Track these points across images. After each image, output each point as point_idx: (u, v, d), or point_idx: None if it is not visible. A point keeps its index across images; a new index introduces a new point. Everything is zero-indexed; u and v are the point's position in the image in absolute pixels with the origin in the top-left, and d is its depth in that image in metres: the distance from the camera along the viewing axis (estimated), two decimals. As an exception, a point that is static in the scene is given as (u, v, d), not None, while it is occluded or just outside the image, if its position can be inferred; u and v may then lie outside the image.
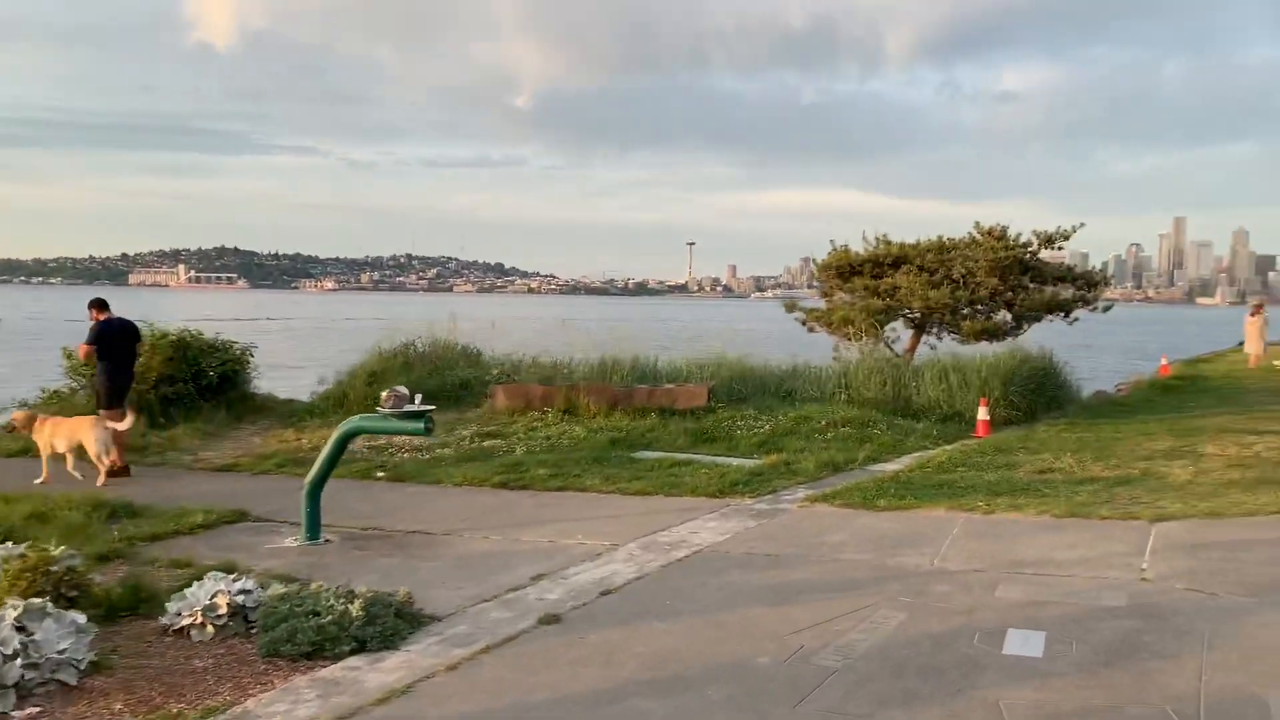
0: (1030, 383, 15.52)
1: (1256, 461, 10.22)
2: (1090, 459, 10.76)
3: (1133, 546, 7.02)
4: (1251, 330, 26.27)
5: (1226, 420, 14.10)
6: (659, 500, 9.17)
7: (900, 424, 13.39)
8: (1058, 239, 18.72)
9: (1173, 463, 10.41)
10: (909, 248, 18.54)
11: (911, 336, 18.39)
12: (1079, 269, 19.44)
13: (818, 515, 8.42)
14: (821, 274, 19.21)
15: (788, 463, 10.86)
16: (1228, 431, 12.73)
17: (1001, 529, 7.68)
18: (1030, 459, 10.95)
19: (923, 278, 17.82)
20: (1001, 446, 11.89)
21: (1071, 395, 17.76)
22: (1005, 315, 18.16)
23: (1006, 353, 16.01)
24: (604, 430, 12.96)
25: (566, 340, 18.44)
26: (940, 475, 9.99)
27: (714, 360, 16.95)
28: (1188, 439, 12.16)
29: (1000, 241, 18.32)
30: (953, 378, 15.01)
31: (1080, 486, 9.20)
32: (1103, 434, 12.80)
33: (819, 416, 13.30)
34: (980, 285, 17.73)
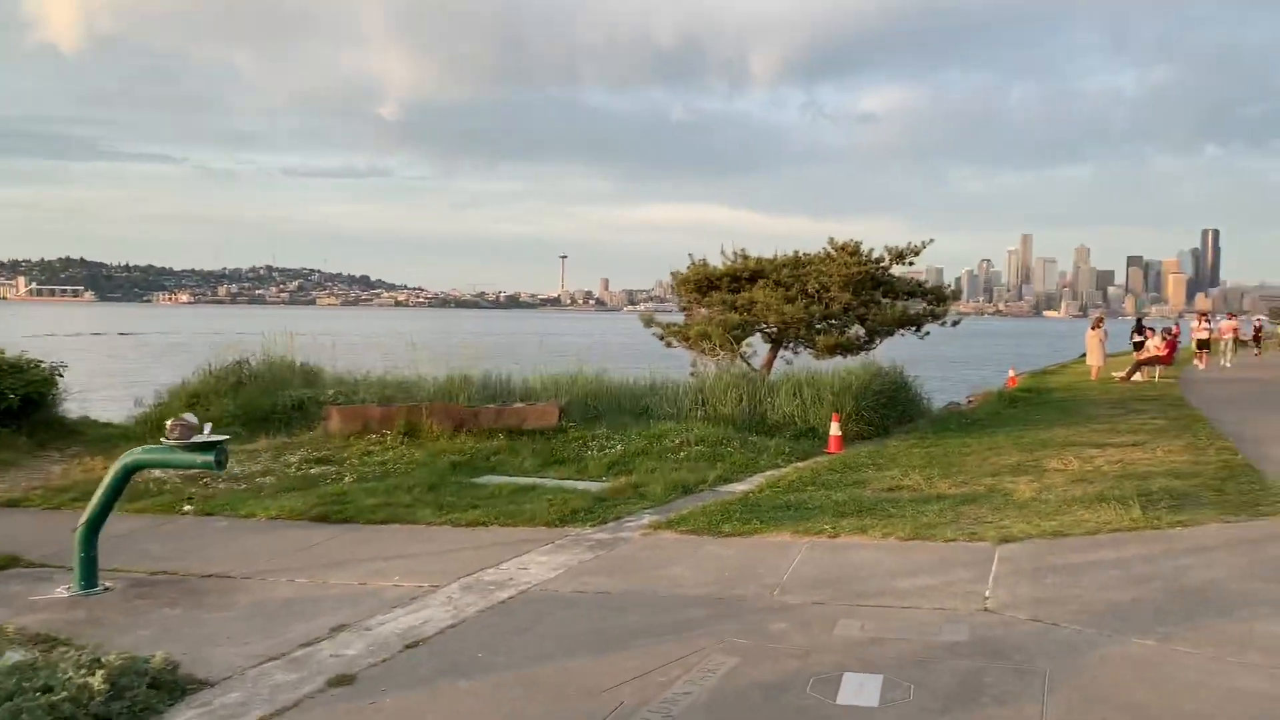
0: (882, 397, 15.54)
1: (1098, 476, 10.28)
2: (938, 475, 10.64)
3: (976, 571, 6.77)
4: (1092, 343, 27.36)
5: (1070, 433, 14.36)
6: (493, 532, 8.52)
7: (754, 441, 13.10)
8: (909, 254, 18.95)
9: (1018, 478, 10.37)
10: (766, 262, 18.45)
11: (768, 351, 18.27)
12: (930, 284, 19.74)
13: (660, 544, 7.92)
14: (680, 288, 18.93)
15: (636, 486, 10.36)
16: (1071, 445, 12.91)
17: (845, 554, 7.35)
18: (879, 476, 10.77)
19: (779, 292, 17.73)
20: (852, 463, 11.70)
21: (923, 409, 17.96)
22: (859, 330, 18.25)
23: (859, 367, 16.02)
24: (446, 454, 12.21)
25: (415, 357, 17.56)
26: (789, 495, 9.66)
27: (570, 377, 16.39)
28: (1033, 453, 12.25)
29: (854, 257, 18.41)
30: (806, 393, 14.87)
31: (927, 505, 9.01)
32: (951, 449, 12.80)
33: (673, 435, 12.89)
34: (834, 300, 17.75)
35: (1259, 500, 8.75)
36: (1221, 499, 8.85)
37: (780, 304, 16.84)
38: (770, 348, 18.28)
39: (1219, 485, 9.49)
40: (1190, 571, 6.57)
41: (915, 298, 19.30)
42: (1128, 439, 13.33)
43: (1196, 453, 11.78)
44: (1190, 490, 9.26)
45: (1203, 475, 10.07)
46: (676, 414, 14.98)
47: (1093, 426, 15.08)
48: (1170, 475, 10.14)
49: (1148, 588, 6.26)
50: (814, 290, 17.87)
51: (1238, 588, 6.19)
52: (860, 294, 18.01)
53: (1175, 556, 6.97)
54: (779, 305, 16.84)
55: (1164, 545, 7.28)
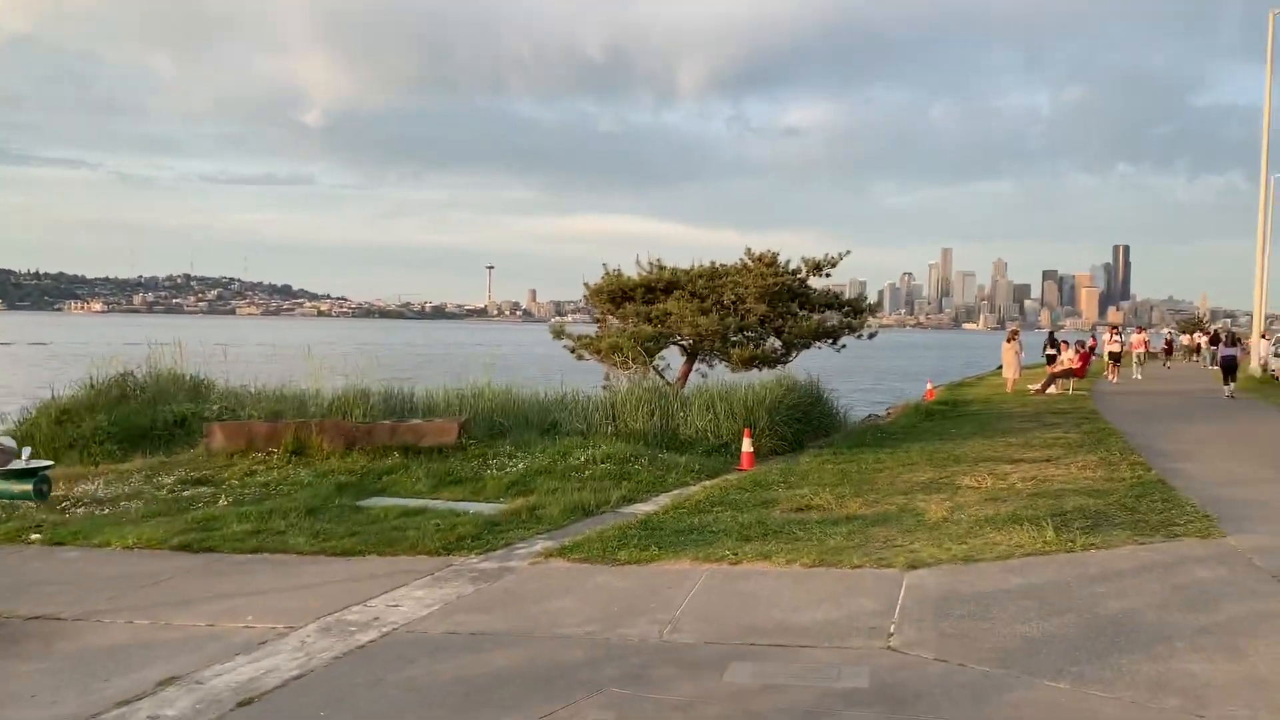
0: (797, 411, 15.18)
1: (1011, 494, 9.98)
2: (849, 494, 10.24)
3: (883, 602, 6.32)
4: (1008, 355, 27.55)
5: (985, 447, 14.15)
6: (370, 562, 7.82)
7: (664, 458, 12.57)
8: (826, 266, 18.67)
9: (931, 497, 10.02)
10: (681, 273, 18.00)
11: (683, 364, 17.81)
12: (847, 296, 19.50)
13: (549, 574, 7.32)
14: (593, 299, 18.36)
15: (534, 508, 9.75)
16: (985, 460, 12.67)
17: (746, 584, 6.84)
18: (789, 495, 10.33)
19: (694, 304, 17.29)
20: (762, 481, 11.25)
21: (839, 422, 17.67)
22: (775, 342, 17.89)
23: (774, 381, 15.64)
24: (335, 474, 11.46)
25: (314, 369, 16.67)
26: (694, 518, 9.14)
27: (476, 390, 15.70)
28: (947, 469, 11.95)
29: (770, 268, 18.06)
30: (719, 407, 14.42)
31: (835, 527, 8.57)
32: (865, 465, 12.45)
33: (579, 452, 12.29)
34: (750, 312, 17.37)
35: (1172, 519, 8.51)
36: (1135, 519, 8.59)
37: (695, 315, 16.38)
38: (685, 360, 17.82)
39: (1132, 504, 9.24)
40: (1105, 601, 6.21)
41: (832, 310, 19.04)
42: (1042, 454, 13.14)
43: (1110, 468, 11.60)
44: (1104, 509, 8.99)
45: (1116, 493, 9.83)
46: (586, 430, 14.40)
47: (1008, 440, 14.91)
48: (1084, 493, 9.89)
49: (1061, 620, 5.86)
50: (730, 302, 17.47)
51: (1154, 619, 5.83)
52: (777, 306, 17.66)
53: (1090, 583, 6.61)
54: (693, 317, 16.38)
55: (1078, 570, 6.93)
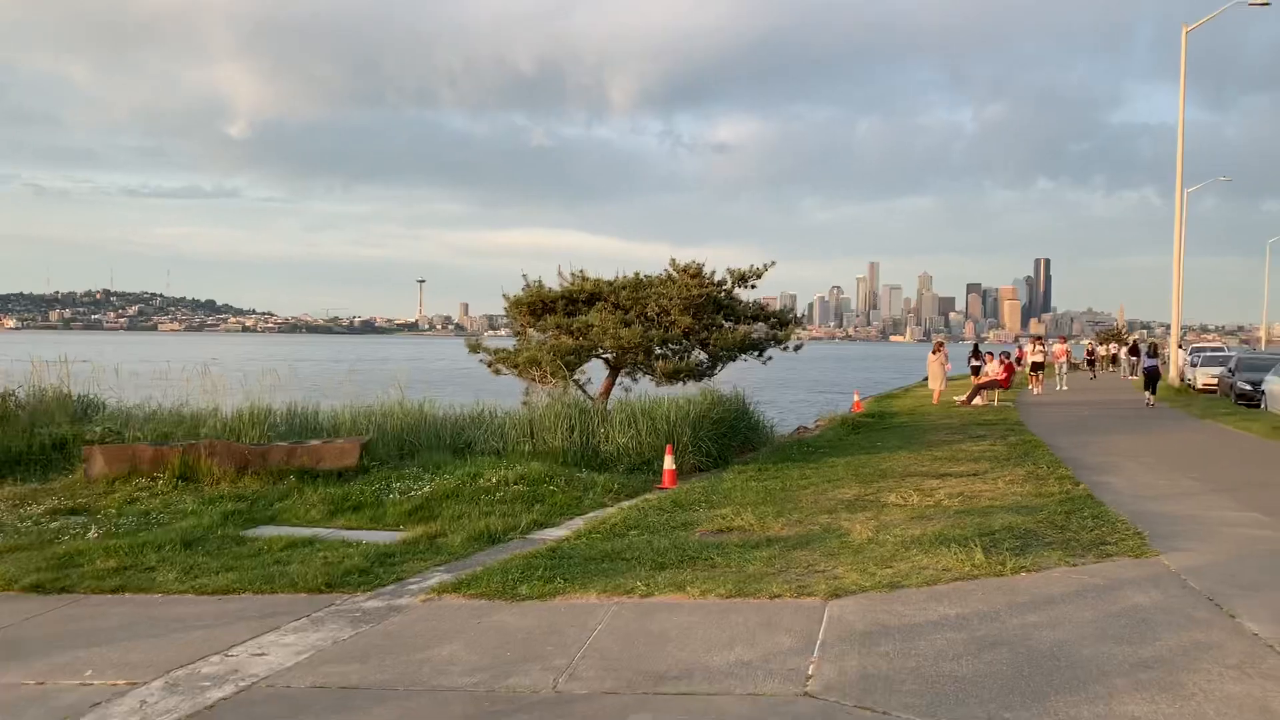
0: (722, 426, 14.72)
1: (938, 512, 9.57)
2: (771, 514, 9.74)
3: (802, 638, 5.79)
4: (934, 367, 27.52)
5: (912, 461, 13.82)
6: (243, 601, 7.06)
7: (582, 478, 11.96)
8: (751, 277, 18.29)
9: (855, 516, 9.57)
10: (604, 284, 17.43)
11: (606, 378, 17.22)
12: (772, 307, 19.13)
13: (440, 614, 6.66)
14: (512, 311, 17.68)
15: (435, 536, 9.07)
16: (912, 475, 12.31)
17: (655, 621, 6.25)
18: (710, 515, 9.80)
19: (617, 315, 16.75)
20: (683, 501, 10.71)
21: (765, 437, 17.27)
22: (700, 355, 17.43)
23: (699, 395, 15.16)
24: (224, 500, 10.63)
25: (211, 386, 15.72)
26: (607, 543, 8.54)
27: (385, 408, 14.93)
28: (873, 485, 11.55)
29: (696, 279, 17.60)
30: (642, 423, 13.87)
31: (756, 551, 8.04)
32: (790, 481, 11.99)
33: (491, 473, 11.62)
34: (674, 324, 16.88)
35: (1103, 538, 8.16)
36: (1066, 537, 8.22)
37: (617, 328, 15.82)
38: (608, 374, 17.24)
39: (1062, 521, 8.89)
40: (1038, 632, 5.76)
41: (759, 321, 18.65)
42: (969, 468, 12.83)
43: (1038, 483, 11.30)
44: (1034, 527, 8.62)
45: (1045, 509, 9.49)
46: (502, 448, 13.75)
47: (934, 454, 14.62)
48: (1013, 510, 9.53)
49: (992, 655, 5.39)
50: (654, 314, 16.96)
51: (1090, 653, 5.39)
52: (702, 317, 17.20)
53: (1021, 611, 6.17)
54: (616, 329, 15.82)
55: (1008, 597, 6.49)
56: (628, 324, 16.49)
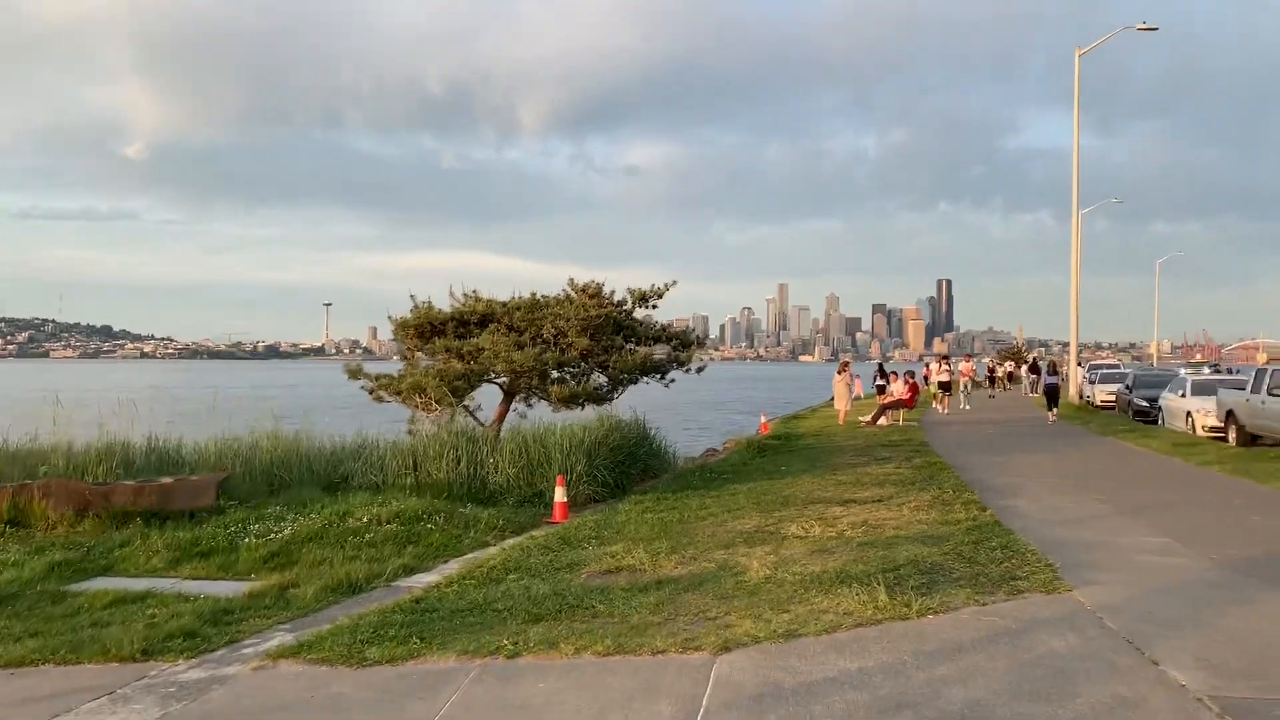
0: (620, 453, 13.98)
1: (840, 544, 8.97)
2: (665, 550, 9.01)
3: (684, 705, 5.04)
4: (839, 388, 27.27)
5: (815, 487, 13.28)
6: (38, 676, 6.01)
7: (465, 514, 11.08)
8: (652, 297, 17.65)
9: (754, 549, 8.91)
10: (497, 305, 16.57)
11: (500, 404, 16.34)
12: (676, 328, 18.51)
13: (271, 685, 5.72)
14: (399, 334, 16.67)
15: (287, 586, 8.09)
16: (815, 502, 11.74)
17: (518, 688, 5.44)
18: (599, 554, 9.03)
19: (511, 338, 15.88)
20: (572, 537, 9.92)
21: (668, 463, 16.59)
22: (600, 378, 16.68)
23: (596, 420, 14.39)
24: (55, 548, 9.46)
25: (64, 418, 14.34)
26: (480, 591, 7.69)
27: (255, 440, 13.80)
28: (774, 514, 10.93)
29: (595, 299, 16.88)
30: (534, 452, 13.05)
31: (644, 596, 7.29)
32: (688, 512, 11.29)
33: (363, 511, 10.66)
34: (572, 346, 16.10)
35: (1014, 571, 7.63)
36: (974, 571, 7.67)
37: (510, 351, 14.97)
38: (502, 400, 16.36)
39: (970, 552, 8.36)
40: (948, 688, 5.12)
41: (660, 343, 18.01)
42: (873, 493, 12.33)
43: (944, 508, 10.82)
44: (940, 560, 8.06)
45: (952, 539, 8.96)
46: (381, 482, 12.77)
47: (839, 478, 14.11)
48: (918, 540, 8.98)
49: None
50: (550, 335, 16.15)
51: (1007, 713, 4.77)
52: (601, 339, 16.46)
53: (929, 662, 5.53)
54: (508, 352, 14.96)
55: (915, 645, 5.85)
56: (521, 346, 15.65)
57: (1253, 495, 12.16)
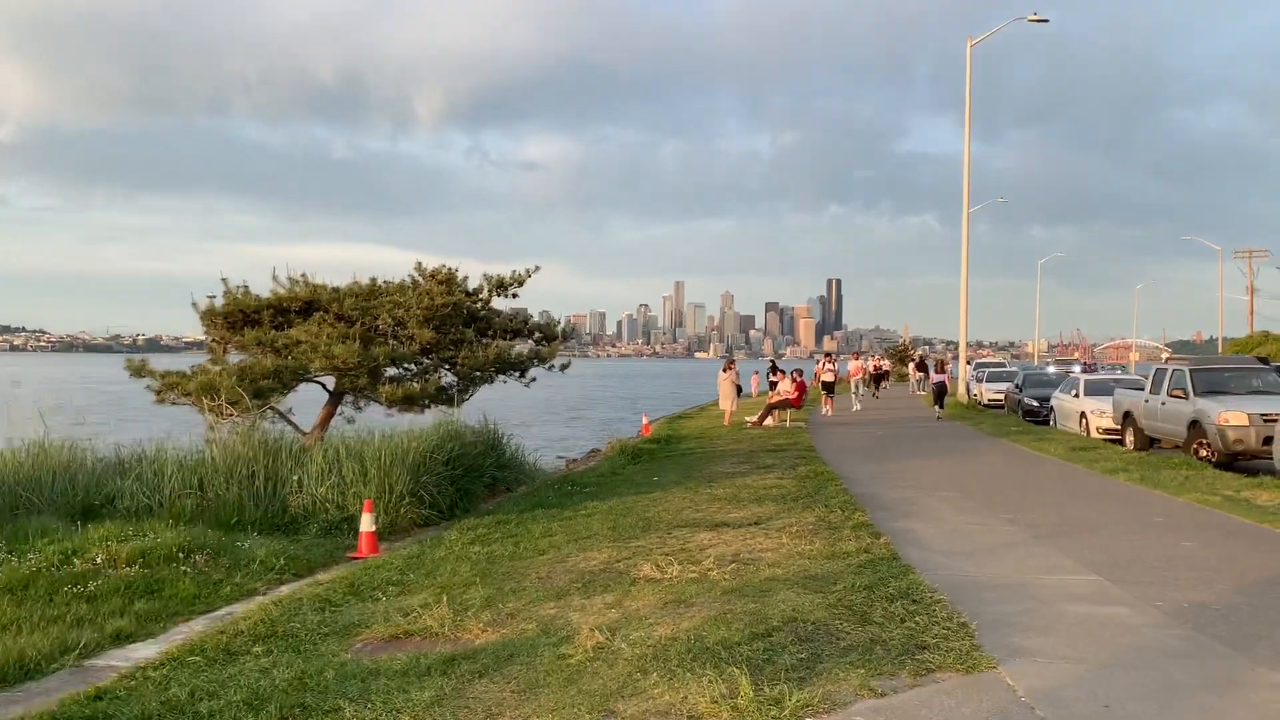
0: (458, 466, 11.82)
1: (702, 591, 7.04)
2: (480, 601, 6.96)
3: None
4: (725, 387, 25.63)
5: (686, 503, 11.41)
6: None
7: (242, 549, 8.80)
8: (512, 285, 15.58)
9: (592, 600, 6.93)
10: (325, 290, 14.22)
11: (323, 408, 13.99)
12: (538, 321, 16.42)
13: None
14: (206, 323, 14.16)
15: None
16: (682, 525, 9.83)
17: None
18: (393, 608, 6.92)
19: (339, 329, 13.57)
20: (368, 582, 7.78)
21: (525, 474, 14.50)
22: (448, 376, 14.49)
23: (429, 428, 12.19)
24: None
25: None
26: (196, 679, 5.50)
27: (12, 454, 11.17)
28: (631, 544, 8.98)
29: (445, 286, 14.68)
30: (348, 467, 10.79)
31: (421, 686, 5.22)
32: (526, 543, 9.25)
33: (99, 548, 8.28)
34: (413, 339, 13.87)
35: (919, 634, 5.81)
36: (868, 636, 5.82)
37: (329, 344, 12.66)
38: (326, 403, 14.02)
39: (864, 603, 6.53)
40: None
41: (522, 337, 15.93)
42: (751, 513, 10.50)
43: (831, 535, 9.03)
44: (825, 619, 6.19)
45: (840, 581, 7.13)
46: (157, 504, 10.35)
47: (714, 492, 12.27)
48: (799, 584, 7.12)
49: None
50: (387, 327, 13.88)
51: None
52: (448, 331, 14.28)
53: (804, 822, 3.61)
54: (327, 346, 12.66)
55: (785, 781, 3.93)
56: (348, 339, 13.34)
57: (1171, 512, 10.79)
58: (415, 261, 15.32)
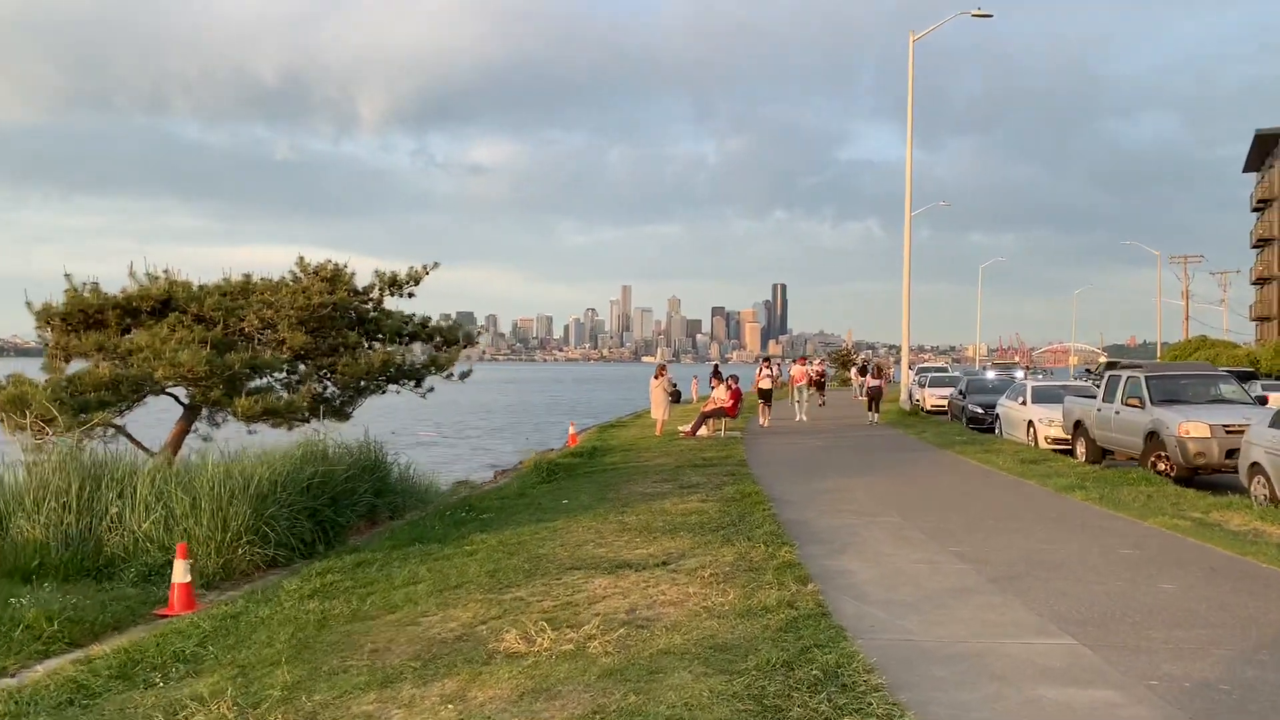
0: (321, 494, 10.07)
1: (573, 676, 5.42)
2: (279, 693, 5.28)
3: None
4: (656, 394, 24.08)
5: (590, 535, 9.81)
6: None
7: (15, 606, 6.99)
8: (408, 283, 13.88)
9: (429, 688, 5.29)
10: (183, 288, 12.36)
11: (177, 424, 12.14)
12: (438, 324, 14.65)
13: None
14: (41, 324, 12.22)
15: None
16: (577, 568, 8.22)
17: None
18: (164, 699, 5.21)
19: (196, 331, 11.73)
20: (150, 658, 6.06)
21: (416, 498, 12.76)
22: (329, 387, 12.71)
23: (286, 450, 10.42)
24: None
25: None
26: None
27: None
28: (506, 594, 7.35)
29: (329, 284, 12.91)
30: (179, 498, 8.99)
31: None
32: (380, 593, 7.57)
33: None
34: (284, 344, 12.08)
35: (849, 750, 4.27)
36: (780, 754, 4.26)
37: (174, 350, 10.82)
38: (180, 418, 12.16)
39: (781, 692, 4.96)
40: None
41: (418, 341, 14.19)
42: (660, 548, 8.92)
43: (750, 579, 7.48)
44: (729, 717, 4.62)
45: (753, 657, 5.56)
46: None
47: (625, 519, 10.69)
48: (700, 659, 5.55)
49: None
50: (254, 329, 12.08)
51: None
52: (327, 335, 12.49)
53: None
54: (172, 353, 10.81)
55: None
56: (200, 343, 11.51)
57: (1139, 540, 9.44)
58: (299, 255, 13.50)
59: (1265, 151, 64.25)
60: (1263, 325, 66.34)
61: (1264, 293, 66.64)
